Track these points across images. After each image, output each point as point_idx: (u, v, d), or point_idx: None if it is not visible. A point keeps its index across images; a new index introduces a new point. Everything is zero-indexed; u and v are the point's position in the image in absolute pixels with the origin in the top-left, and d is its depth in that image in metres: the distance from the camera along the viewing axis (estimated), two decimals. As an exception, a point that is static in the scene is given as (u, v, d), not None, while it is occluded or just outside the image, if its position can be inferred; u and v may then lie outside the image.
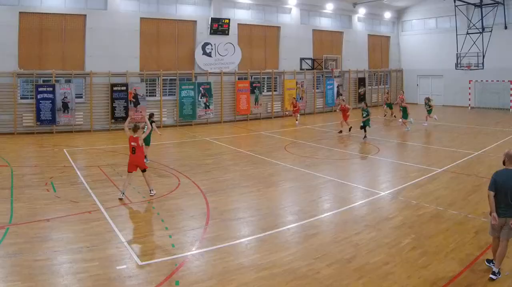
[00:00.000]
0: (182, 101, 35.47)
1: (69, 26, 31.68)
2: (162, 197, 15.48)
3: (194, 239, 11.64)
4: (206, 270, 9.83)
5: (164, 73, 34.99)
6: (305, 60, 43.19)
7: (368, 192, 16.10)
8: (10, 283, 8.98)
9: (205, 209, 14.13)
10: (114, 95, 32.62)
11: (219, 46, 37.52)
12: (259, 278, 9.40)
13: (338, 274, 9.56)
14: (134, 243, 11.38)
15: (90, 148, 25.51)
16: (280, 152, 24.00)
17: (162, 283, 9.12)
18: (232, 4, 38.63)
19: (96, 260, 10.15)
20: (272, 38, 41.44)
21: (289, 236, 11.97)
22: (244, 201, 15.24)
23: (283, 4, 41.64)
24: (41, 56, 30.91)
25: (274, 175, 19.07)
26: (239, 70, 38.85)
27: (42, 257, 10.23)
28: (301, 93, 42.21)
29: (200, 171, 19.54)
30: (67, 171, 19.04)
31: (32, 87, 30.56)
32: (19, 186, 16.52)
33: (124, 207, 14.36)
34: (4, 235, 11.50)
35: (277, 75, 41.54)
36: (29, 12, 30.20)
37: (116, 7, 33.09)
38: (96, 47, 32.25)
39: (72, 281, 9.17)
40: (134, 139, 15.25)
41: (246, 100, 38.70)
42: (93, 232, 12.00)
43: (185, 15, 36.31)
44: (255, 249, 11.08)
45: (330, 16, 45.60)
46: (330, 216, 13.64)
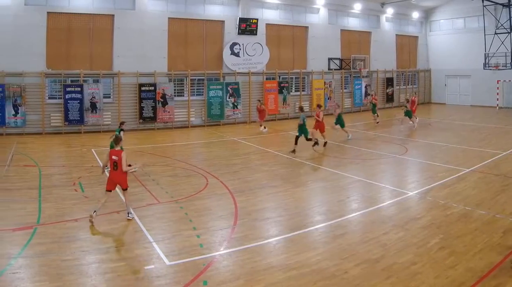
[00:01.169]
0: (210, 101, 34.15)
1: (97, 26, 30.56)
2: (190, 197, 14.96)
3: (222, 239, 11.33)
4: (234, 270, 9.57)
5: (192, 73, 33.66)
6: (333, 60, 41.46)
7: (396, 192, 15.54)
8: (38, 283, 8.79)
9: (233, 209, 13.70)
10: (142, 95, 31.43)
11: (247, 46, 36.05)
12: (287, 278, 9.15)
13: (366, 274, 9.31)
14: (162, 243, 11.01)
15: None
16: (308, 152, 23.00)
17: (190, 283, 8.89)
18: (260, 4, 37.11)
19: (124, 260, 9.98)
20: (300, 38, 39.77)
21: (317, 236, 11.67)
22: (272, 201, 14.75)
23: (311, 4, 39.96)
24: (69, 56, 29.76)
25: (302, 175, 18.50)
26: (267, 70, 37.35)
27: (70, 257, 10.00)
28: (329, 93, 40.59)
29: (228, 171, 18.92)
30: (95, 171, 18.20)
31: (60, 87, 29.49)
32: (47, 186, 15.99)
33: (152, 207, 13.90)
34: (32, 235, 11.22)
35: (305, 75, 39.93)
36: (57, 12, 29.13)
37: (144, 7, 31.88)
38: (124, 47, 31.13)
39: (100, 281, 9.00)
40: (115, 153, 12.63)
41: (274, 100, 37.21)
42: (121, 232, 11.83)
43: (213, 15, 34.96)
44: (283, 249, 10.80)
45: (358, 16, 43.76)
46: (358, 216, 13.22)
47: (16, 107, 27.86)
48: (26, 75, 28.10)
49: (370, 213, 13.39)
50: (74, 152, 23.36)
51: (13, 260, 9.76)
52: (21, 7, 27.94)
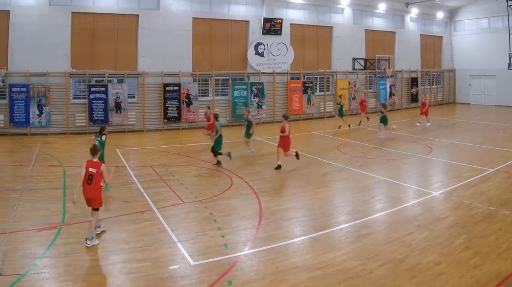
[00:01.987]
0: (234, 101, 32.95)
1: (121, 26, 29.55)
2: (214, 197, 14.61)
3: (247, 239, 11.07)
4: (259, 270, 9.34)
5: (216, 73, 32.50)
6: (357, 60, 39.92)
7: (421, 192, 15.14)
8: (62, 283, 8.62)
9: (257, 209, 13.35)
10: (166, 95, 30.38)
11: (271, 46, 34.69)
12: (312, 278, 8.93)
13: (391, 274, 9.09)
14: (187, 243, 10.72)
15: (142, 147, 23.91)
16: (333, 151, 22.47)
17: (214, 283, 8.70)
18: (284, 4, 35.71)
19: (149, 260, 9.71)
20: (324, 38, 38.27)
21: (341, 236, 11.39)
22: (297, 201, 14.45)
23: (336, 4, 38.45)
24: (93, 56, 28.83)
25: (326, 175, 17.98)
26: (291, 70, 35.97)
27: (94, 257, 9.86)
28: (353, 93, 39.06)
29: (252, 171, 18.50)
30: (119, 171, 17.54)
31: (85, 87, 28.54)
32: (72, 185, 14.86)
33: (176, 207, 13.54)
34: (57, 235, 10.98)
35: (329, 75, 38.41)
36: (82, 12, 28.20)
37: (169, 7, 30.78)
38: (148, 47, 30.07)
39: (125, 281, 8.83)
40: (93, 165, 10.65)
41: (298, 100, 35.87)
42: (146, 232, 11.47)
43: (237, 15, 33.71)
44: (308, 249, 10.54)
45: (383, 16, 42.05)
46: (383, 216, 12.92)
47: (41, 107, 26.99)
48: (51, 75, 27.22)
49: (394, 213, 13.08)
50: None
51: (37, 260, 9.53)
52: (46, 7, 27.06)
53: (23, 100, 26.51)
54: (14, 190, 15.04)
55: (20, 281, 8.58)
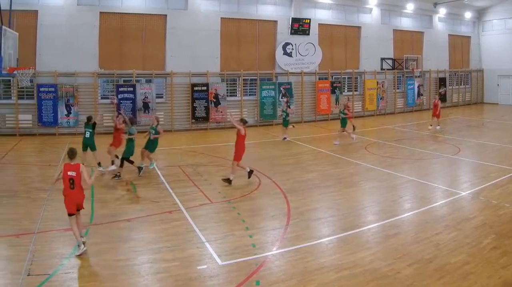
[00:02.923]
0: (262, 101, 31.16)
1: (149, 26, 28.02)
2: (242, 196, 14.05)
3: (275, 239, 10.63)
4: (287, 270, 9.00)
5: (244, 73, 30.76)
6: (385, 60, 37.69)
7: (449, 192, 14.50)
8: (90, 283, 8.38)
9: (285, 209, 12.80)
10: (194, 95, 28.76)
11: (299, 46, 32.77)
12: (340, 278, 8.63)
13: (419, 274, 8.75)
14: (215, 243, 10.32)
15: (170, 147, 22.61)
16: (361, 151, 21.47)
17: (242, 283, 8.39)
18: (312, 4, 33.74)
19: (177, 260, 9.36)
20: (352, 38, 36.12)
21: (369, 236, 10.92)
22: (325, 201, 13.80)
23: (364, 4, 36.29)
24: (121, 56, 27.33)
25: (354, 175, 17.16)
26: (319, 70, 33.97)
27: (122, 257, 9.47)
28: (381, 93, 36.95)
29: (280, 171, 17.58)
30: (147, 171, 17.02)
31: (113, 87, 27.09)
32: (100, 186, 15.08)
33: (204, 207, 13.02)
34: (85, 235, 10.29)
35: (357, 75, 36.31)
36: (110, 12, 26.76)
37: (197, 7, 29.15)
38: (176, 47, 28.50)
39: (153, 281, 8.57)
40: (72, 168, 9.54)
41: (326, 100, 33.88)
42: (174, 232, 11.03)
43: (265, 15, 31.87)
44: (336, 249, 10.14)
45: (411, 16, 39.69)
46: (411, 216, 12.37)
47: (69, 107, 25.65)
48: (79, 75, 25.84)
49: (422, 213, 12.54)
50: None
51: (65, 260, 9.23)
52: (74, 7, 25.70)
53: (51, 100, 25.17)
54: (42, 190, 14.40)
55: (48, 281, 8.26)
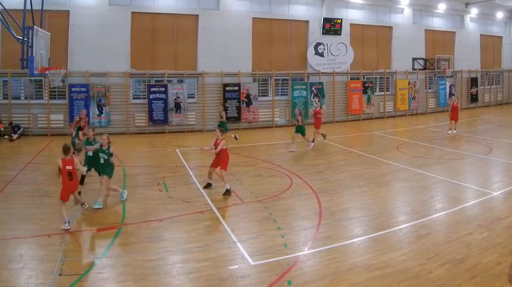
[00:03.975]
0: (294, 101, 28.89)
1: (181, 26, 26.09)
2: (274, 197, 13.18)
3: (306, 239, 10.04)
4: (318, 270, 8.41)
5: (276, 73, 28.55)
6: (417, 60, 34.87)
7: (480, 192, 13.63)
8: (122, 283, 7.87)
9: (317, 209, 12.08)
10: (226, 95, 26.72)
11: (331, 46, 30.37)
12: (371, 278, 8.03)
13: (450, 274, 8.15)
14: (246, 243, 9.75)
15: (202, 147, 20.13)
16: (392, 152, 20.15)
17: (274, 283, 7.87)
18: (344, 4, 31.26)
19: (208, 260, 8.86)
20: (384, 38, 33.46)
21: (401, 236, 10.30)
22: (356, 201, 13.04)
23: (396, 4, 33.57)
24: (153, 56, 25.47)
25: (386, 175, 16.09)
26: (351, 70, 31.50)
27: (154, 257, 8.97)
28: (413, 93, 34.27)
29: (312, 171, 16.52)
30: (179, 171, 16.20)
31: (144, 87, 25.24)
32: (132, 185, 14.23)
33: (236, 207, 12.34)
34: (117, 235, 10.13)
35: (389, 75, 33.63)
36: (141, 12, 24.92)
37: (228, 7, 27.09)
38: (208, 47, 26.48)
39: (184, 281, 8.04)
40: (68, 163, 10.35)
41: (358, 100, 31.43)
42: (205, 232, 10.55)
43: (297, 15, 29.57)
44: (367, 249, 9.49)
45: (442, 16, 36.76)
46: (442, 216, 11.66)
47: (101, 107, 23.95)
48: (111, 75, 24.09)
49: (454, 213, 11.85)
50: (158, 151, 20.49)
51: (97, 260, 8.82)
52: (106, 7, 23.95)
53: (83, 100, 23.47)
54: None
55: (80, 281, 7.89)
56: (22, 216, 11.27)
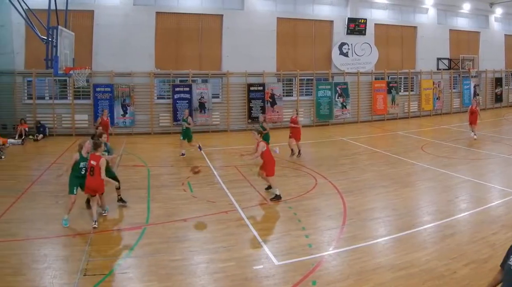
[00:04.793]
0: (319, 101, 26.94)
1: (205, 26, 24.35)
2: (299, 196, 12.42)
3: (331, 239, 9.33)
4: (343, 270, 7.88)
5: (301, 73, 26.59)
6: (442, 60, 32.48)
7: (505, 192, 12.73)
8: (147, 283, 7.42)
9: (341, 209, 11.39)
10: (250, 95, 24.94)
11: (355, 46, 28.32)
12: (396, 277, 7.51)
13: (475, 274, 7.61)
14: (271, 243, 9.11)
15: (226, 147, 20.22)
16: (417, 151, 18.93)
17: (299, 283, 7.35)
18: (368, 4, 29.12)
19: (233, 260, 8.26)
20: (408, 38, 31.11)
21: (426, 236, 9.49)
22: (381, 201, 12.26)
23: (420, 4, 31.21)
24: (177, 56, 23.80)
25: (410, 175, 15.20)
26: (375, 70, 29.36)
27: (178, 257, 8.40)
28: (438, 93, 31.94)
29: (336, 170, 15.58)
30: (203, 171, 14.44)
31: (169, 87, 23.61)
32: (156, 185, 13.47)
33: (261, 207, 11.64)
34: (141, 235, 9.42)
35: (414, 75, 31.31)
36: (166, 12, 23.28)
37: (253, 7, 25.25)
38: (232, 47, 24.71)
39: (209, 281, 7.53)
40: (94, 158, 9.93)
41: (382, 100, 29.27)
42: (230, 232, 9.76)
43: (321, 15, 27.52)
44: (392, 249, 8.85)
45: (467, 16, 34.19)
46: (467, 216, 10.87)
47: (125, 107, 22.43)
48: (135, 75, 22.52)
49: (478, 213, 11.12)
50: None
51: (122, 260, 8.25)
52: (130, 7, 22.42)
53: (107, 100, 21.97)
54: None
55: (104, 281, 7.37)
56: (46, 216, 10.53)
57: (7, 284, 7.25)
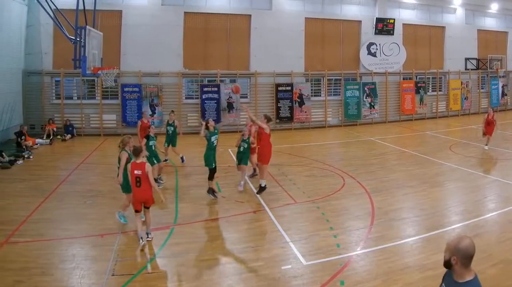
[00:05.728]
0: (347, 101, 24.55)
1: (233, 26, 22.24)
2: (327, 196, 11.20)
3: (359, 239, 8.46)
4: (371, 270, 7.15)
5: (329, 73, 24.24)
6: (470, 60, 29.64)
7: None
8: (175, 283, 6.78)
9: (369, 209, 10.18)
10: (279, 95, 22.70)
11: (384, 46, 25.78)
12: (424, 278, 6.83)
13: (503, 274, 6.97)
14: (299, 243, 8.25)
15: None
16: (445, 151, 17.36)
17: (327, 283, 6.73)
18: (397, 4, 26.47)
19: (261, 260, 7.54)
20: (436, 38, 28.33)
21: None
22: (409, 201, 11.01)
23: (448, 4, 28.38)
24: (205, 56, 21.75)
25: (439, 175, 13.83)
26: (403, 70, 26.73)
27: (207, 257, 7.65)
28: (466, 93, 29.16)
29: (365, 170, 14.28)
30: (231, 171, 13.78)
31: (197, 87, 21.61)
32: (184, 186, 12.40)
33: (289, 207, 10.36)
34: (170, 235, 8.60)
35: (442, 75, 28.53)
36: (194, 12, 21.25)
37: (281, 7, 22.98)
38: (260, 47, 22.52)
39: (237, 281, 6.86)
40: (137, 166, 7.96)
41: (411, 100, 26.61)
42: (258, 232, 9.04)
43: (349, 15, 25.08)
44: (420, 249, 7.99)
45: (495, 16, 31.06)
46: (495, 216, 9.79)
47: (153, 107, 20.54)
48: (163, 75, 20.57)
49: (506, 213, 9.88)
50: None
51: (150, 260, 7.49)
52: (158, 7, 20.48)
53: (135, 100, 20.13)
54: None
55: (132, 281, 6.70)
56: (74, 215, 9.81)
57: (35, 284, 6.59)
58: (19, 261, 7.33)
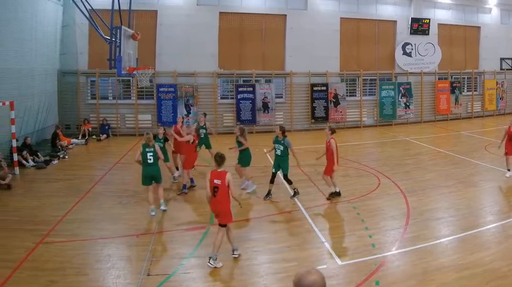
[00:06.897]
0: (382, 101, 21.63)
1: (269, 26, 19.68)
2: (362, 196, 9.86)
3: (394, 239, 7.48)
4: (406, 270, 6.39)
5: (364, 73, 21.43)
6: (505, 60, 26.28)
7: None
8: (209, 283, 6.10)
9: (405, 209, 9.05)
10: (314, 95, 20.05)
11: (419, 46, 22.70)
12: (459, 278, 6.03)
13: None
14: (334, 242, 7.40)
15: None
16: (480, 151, 15.46)
17: (362, 283, 5.99)
18: (432, 4, 23.35)
19: (296, 260, 6.68)
20: (471, 38, 24.99)
21: (489, 236, 7.61)
22: (444, 201, 9.64)
23: (484, 4, 25.03)
24: (240, 56, 19.31)
25: (474, 175, 12.05)
26: (439, 70, 23.58)
27: (242, 257, 6.78)
28: (501, 93, 25.77)
29: (400, 170, 12.69)
30: (267, 171, 11.53)
31: (232, 87, 19.22)
32: None
33: (324, 207, 9.28)
34: (205, 235, 7.62)
35: (477, 75, 25.20)
36: (229, 12, 18.87)
37: (316, 7, 20.34)
38: (296, 47, 19.87)
39: (272, 281, 6.16)
40: (217, 175, 6.38)
41: (446, 100, 23.45)
42: (293, 232, 7.98)
43: (385, 15, 22.13)
44: (455, 249, 7.09)
45: None
46: None
47: (188, 107, 18.28)
48: (198, 75, 18.28)
49: None
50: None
51: (185, 260, 6.69)
52: (193, 7, 18.21)
53: (171, 100, 17.91)
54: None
55: (167, 281, 6.04)
56: (109, 216, 8.87)
57: (70, 284, 5.97)
58: (54, 261, 6.64)
